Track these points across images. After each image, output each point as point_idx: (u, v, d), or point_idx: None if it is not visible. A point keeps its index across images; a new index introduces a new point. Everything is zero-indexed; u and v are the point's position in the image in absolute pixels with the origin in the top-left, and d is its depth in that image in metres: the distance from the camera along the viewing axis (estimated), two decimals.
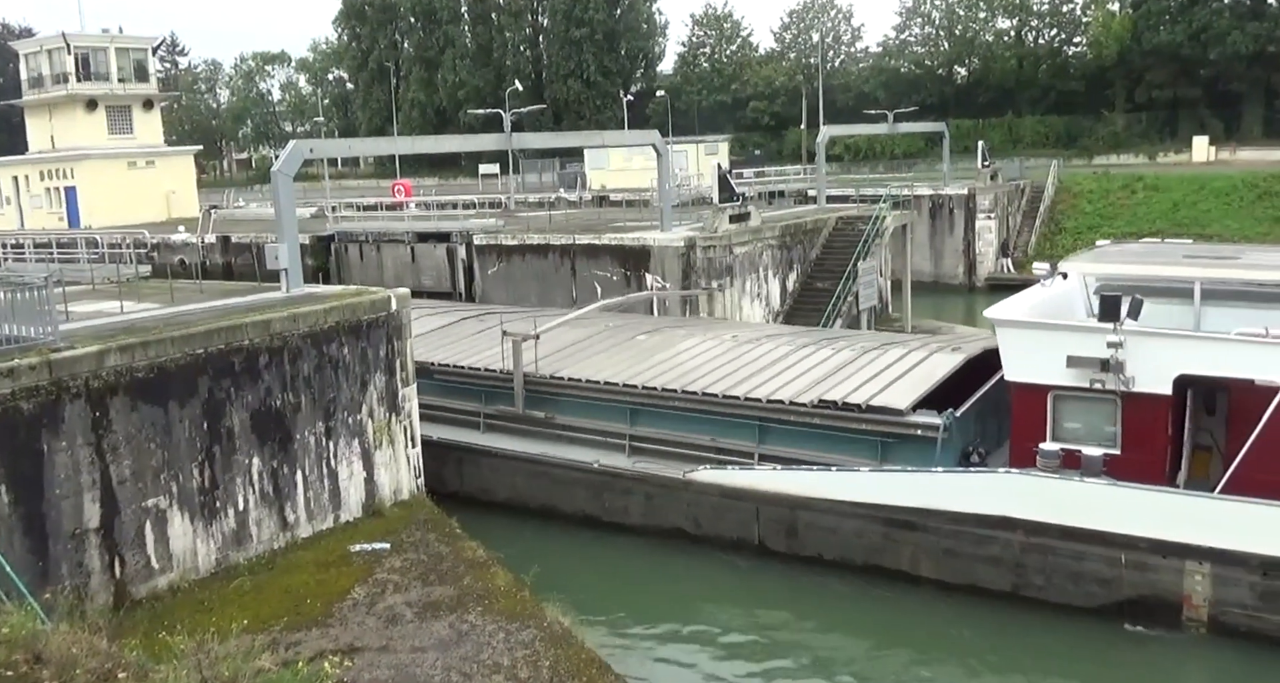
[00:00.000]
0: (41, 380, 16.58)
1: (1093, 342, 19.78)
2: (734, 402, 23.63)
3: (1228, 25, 73.94)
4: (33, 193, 64.33)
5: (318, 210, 57.07)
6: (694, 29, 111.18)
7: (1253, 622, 17.99)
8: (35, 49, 64.01)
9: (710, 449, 23.92)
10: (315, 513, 21.08)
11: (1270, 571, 17.72)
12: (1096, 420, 20.30)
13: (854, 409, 22.18)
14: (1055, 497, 19.42)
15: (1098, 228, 57.14)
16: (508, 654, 16.11)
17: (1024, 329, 21.13)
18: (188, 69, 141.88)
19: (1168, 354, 19.46)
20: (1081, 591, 19.36)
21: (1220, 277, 21.11)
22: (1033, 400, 20.74)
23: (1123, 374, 19.62)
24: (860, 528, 21.30)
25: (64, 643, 10.21)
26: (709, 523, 23.03)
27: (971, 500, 20.14)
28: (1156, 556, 18.60)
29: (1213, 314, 20.74)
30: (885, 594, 20.82)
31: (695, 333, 28.53)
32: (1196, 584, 18.37)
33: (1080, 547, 19.19)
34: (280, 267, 24.43)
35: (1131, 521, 18.78)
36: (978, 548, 20.15)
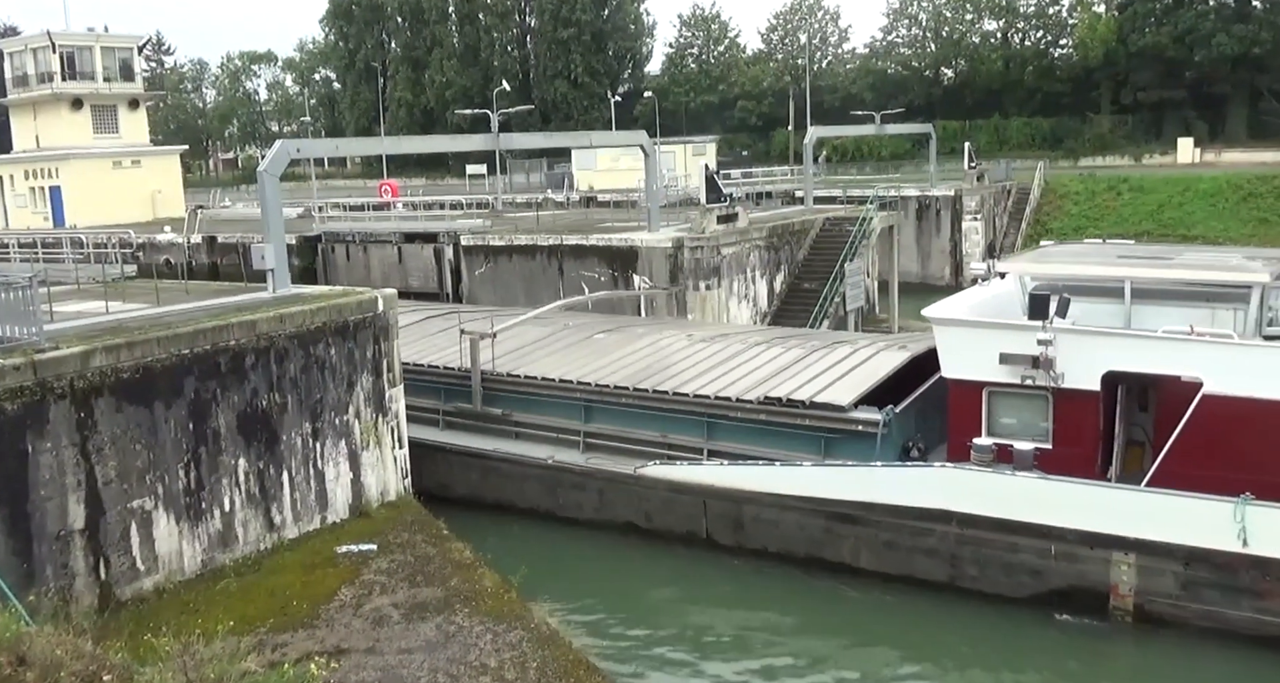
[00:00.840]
0: (26, 381, 16.50)
1: (1024, 339, 20.37)
2: (683, 399, 24.15)
3: (1213, 27, 74.34)
4: (17, 192, 64.00)
5: (304, 210, 56.91)
6: (681, 30, 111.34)
7: (1176, 611, 18.57)
8: (20, 48, 63.67)
9: (661, 445, 24.34)
10: (302, 514, 21.02)
11: (1192, 561, 18.28)
12: (1029, 416, 20.89)
13: (798, 406, 22.71)
14: (988, 490, 19.98)
15: (1084, 229, 57.35)
16: (495, 655, 16.10)
17: (959, 327, 21.76)
18: (174, 68, 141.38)
19: (1095, 351, 20.07)
20: (1014, 581, 19.89)
21: (1149, 276, 21.56)
22: (968, 397, 21.37)
23: (1052, 371, 20.17)
24: (803, 521, 21.82)
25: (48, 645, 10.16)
26: (659, 517, 23.50)
27: (909, 494, 20.67)
28: (1084, 547, 19.16)
29: (1143, 313, 21.24)
30: (827, 586, 21.24)
31: (652, 332, 28.97)
32: (1123, 575, 18.94)
33: (1012, 539, 19.72)
34: (267, 267, 24.36)
35: (1060, 513, 19.30)
36: (915, 540, 20.70)
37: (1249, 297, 20.32)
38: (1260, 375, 18.72)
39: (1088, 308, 21.66)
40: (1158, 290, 21.47)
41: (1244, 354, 19.03)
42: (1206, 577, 18.25)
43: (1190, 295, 21.29)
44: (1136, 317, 21.16)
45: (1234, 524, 17.78)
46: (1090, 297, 21.80)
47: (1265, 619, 17.92)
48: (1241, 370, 18.86)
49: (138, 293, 24.60)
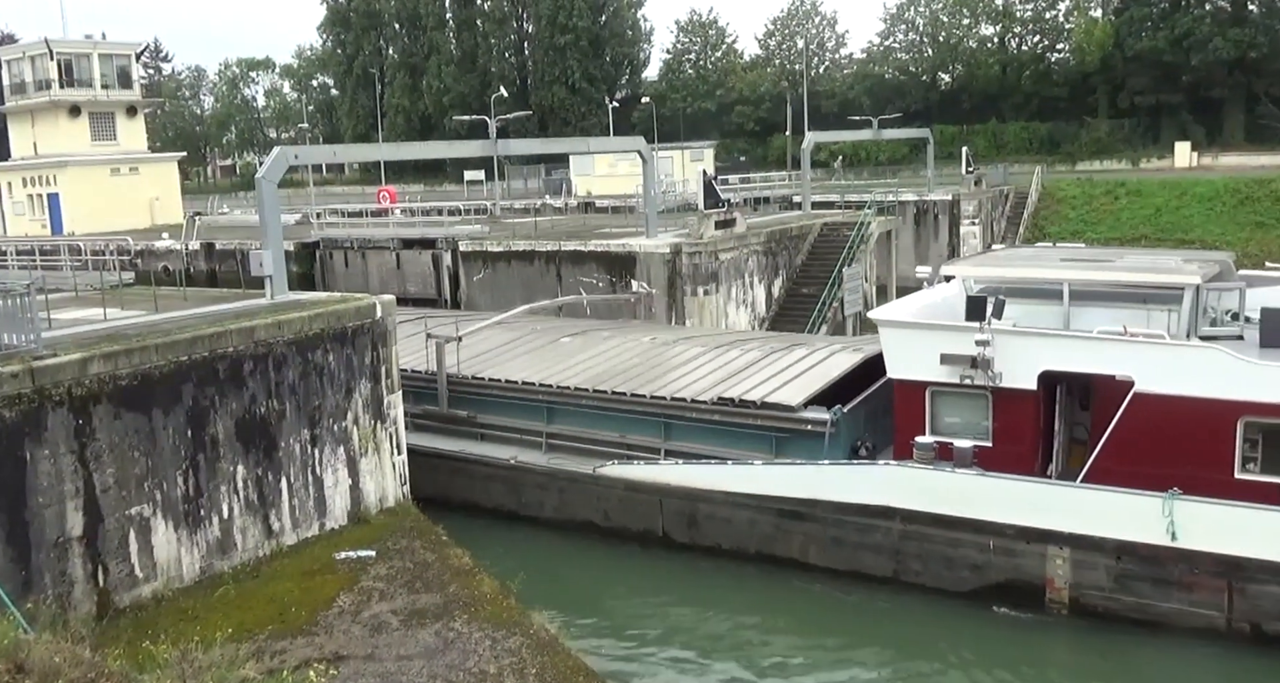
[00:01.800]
0: (24, 388, 16.49)
1: (963, 340, 20.91)
2: (641, 400, 24.76)
3: (1209, 31, 74.42)
4: (15, 199, 64.05)
5: (302, 217, 56.90)
6: (679, 35, 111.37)
7: (1108, 603, 19.18)
8: (18, 55, 63.72)
9: (620, 445, 24.95)
10: (300, 521, 20.99)
11: (1123, 555, 18.91)
12: (970, 415, 21.48)
13: (750, 406, 23.31)
14: (929, 487, 20.57)
15: (1081, 233, 57.39)
16: (494, 662, 16.07)
17: (903, 329, 22.38)
18: (172, 75, 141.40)
19: (1031, 351, 20.62)
20: (955, 575, 20.48)
21: (1086, 278, 22.11)
22: (912, 396, 21.96)
23: (990, 371, 20.76)
24: (754, 519, 22.43)
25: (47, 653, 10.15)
26: (617, 516, 24.07)
27: (854, 491, 21.27)
28: (1021, 541, 19.74)
29: (1083, 314, 21.73)
30: (778, 581, 21.79)
31: (617, 336, 29.57)
32: (1058, 568, 19.52)
33: (953, 534, 20.32)
34: (265, 273, 24.35)
35: (998, 509, 19.91)
36: (861, 536, 21.32)
37: (1182, 298, 20.89)
38: (1187, 374, 19.26)
39: (1030, 309, 22.21)
40: (1096, 292, 22.05)
41: (1172, 354, 19.60)
42: (1137, 570, 18.87)
43: (1127, 297, 21.83)
44: (1077, 318, 21.66)
45: (1163, 519, 18.38)
46: (1032, 299, 22.35)
47: (1193, 611, 18.46)
48: (1170, 370, 19.43)
49: (136, 300, 24.60)
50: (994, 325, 20.78)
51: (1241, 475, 19.01)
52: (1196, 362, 19.34)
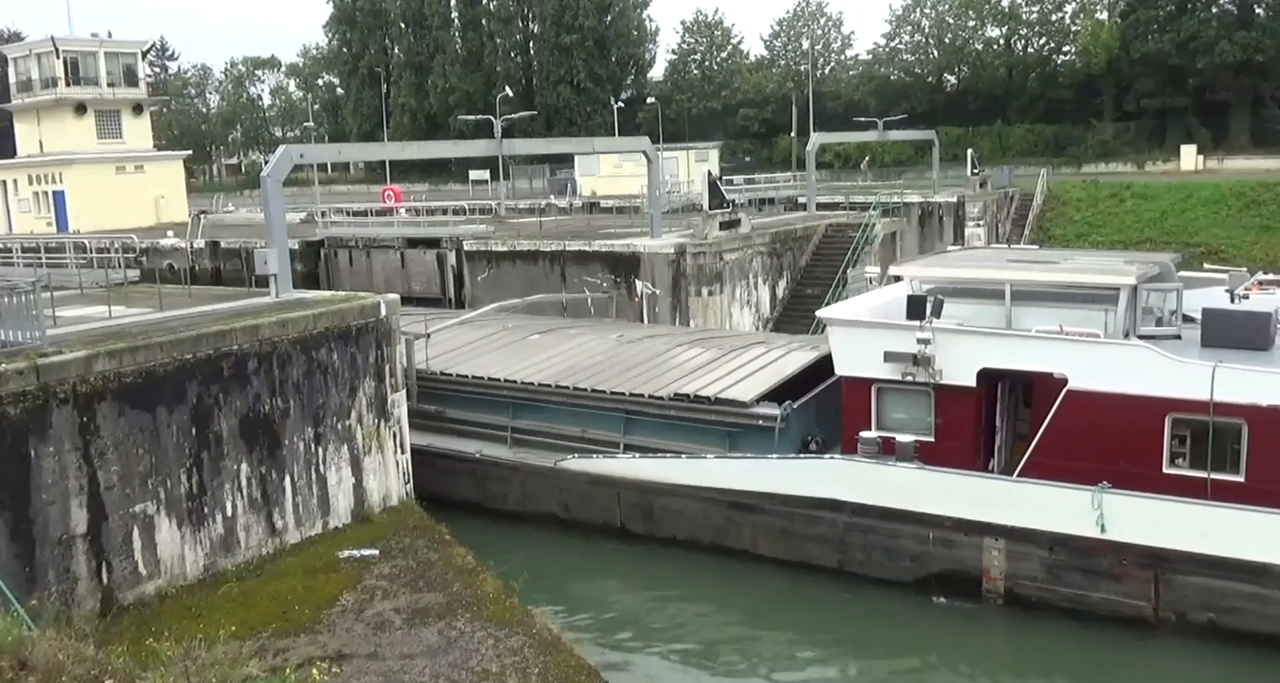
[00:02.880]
0: (29, 385, 16.52)
1: (905, 339, 21.65)
2: (601, 396, 25.37)
3: (1216, 34, 74.27)
4: (21, 197, 64.11)
5: (307, 215, 56.93)
6: (684, 36, 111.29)
7: (1042, 593, 19.76)
8: (24, 53, 63.79)
9: (581, 440, 25.50)
10: (304, 519, 21.02)
11: (1055, 546, 19.51)
12: (914, 411, 22.19)
13: (704, 402, 23.98)
14: (872, 480, 21.17)
15: (1086, 236, 57.34)
16: (496, 661, 16.08)
17: (849, 328, 23.14)
18: (177, 73, 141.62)
19: (970, 350, 21.35)
20: (897, 566, 21.09)
21: (1026, 279, 22.66)
22: (859, 393, 22.71)
23: (931, 368, 21.47)
24: (707, 511, 23.06)
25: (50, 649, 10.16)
26: (578, 508, 24.65)
27: (801, 484, 21.90)
28: (960, 533, 20.34)
29: (1025, 313, 22.27)
30: (730, 572, 22.33)
31: (584, 333, 30.13)
32: (994, 559, 20.12)
33: (895, 526, 20.93)
34: (269, 272, 24.38)
35: (937, 502, 20.52)
36: (808, 528, 21.91)
37: (1117, 298, 21.50)
38: (1118, 372, 19.99)
39: (976, 309, 22.82)
40: (1037, 293, 22.54)
41: (1103, 352, 20.38)
42: (1069, 561, 19.46)
43: (1067, 297, 22.30)
44: (1019, 317, 22.27)
45: (1092, 511, 19.00)
46: (977, 298, 22.96)
47: (1122, 601, 19.09)
48: (1101, 367, 20.15)
49: (141, 298, 24.64)
50: (935, 324, 21.45)
51: (1170, 470, 19.73)
52: (1126, 360, 20.09)
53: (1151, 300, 21.97)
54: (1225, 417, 19.11)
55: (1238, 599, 18.20)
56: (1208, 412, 19.19)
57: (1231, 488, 19.06)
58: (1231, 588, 18.20)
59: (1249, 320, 20.87)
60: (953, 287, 23.23)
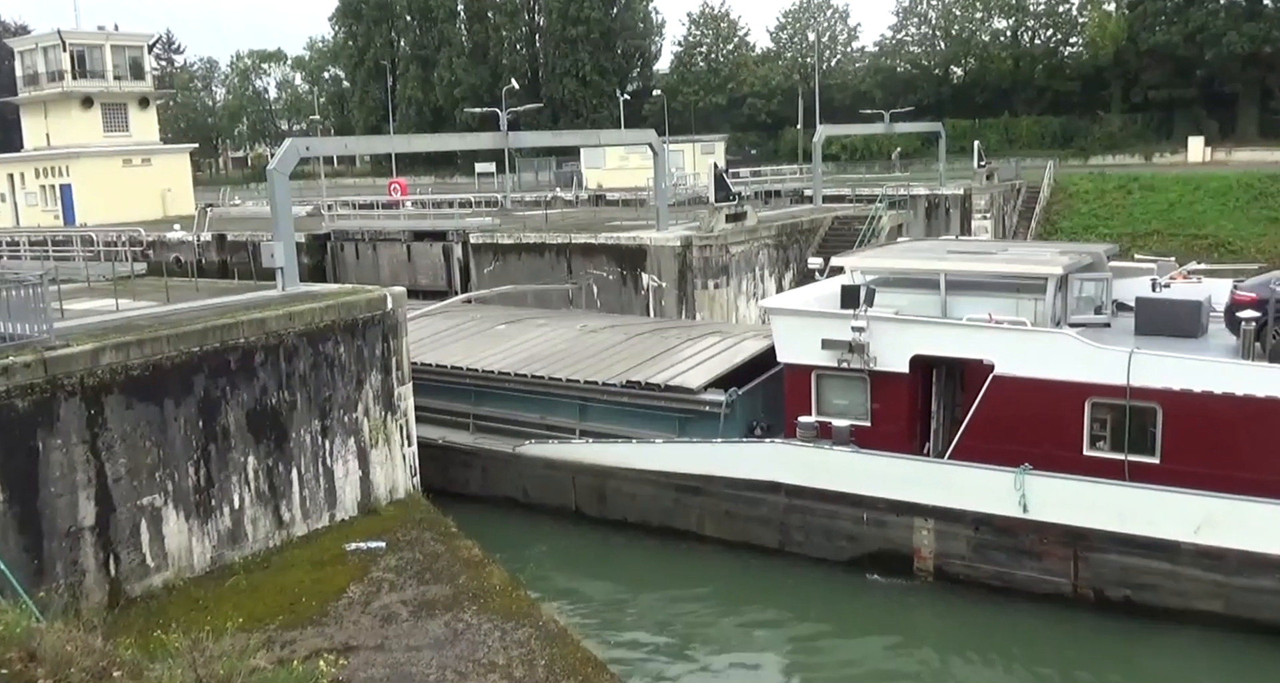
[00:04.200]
0: (36, 378, 16.56)
1: (841, 327, 22.41)
2: (558, 383, 26.21)
3: (1224, 26, 73.96)
4: (28, 190, 64.24)
5: (314, 209, 56.96)
6: (690, 28, 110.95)
7: (969, 571, 20.71)
8: (31, 46, 63.92)
9: (540, 426, 26.41)
10: (311, 512, 21.07)
11: (981, 526, 20.41)
12: (851, 397, 22.96)
13: (655, 388, 24.89)
14: (810, 463, 22.07)
15: (1093, 228, 57.12)
16: (503, 653, 16.12)
17: (790, 317, 23.96)
18: (184, 67, 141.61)
19: (903, 337, 22.12)
20: (833, 545, 21.97)
21: (960, 269, 23.38)
22: (800, 379, 23.46)
23: (866, 355, 22.24)
24: (656, 493, 23.95)
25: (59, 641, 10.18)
26: (535, 492, 25.54)
27: (744, 467, 22.82)
28: (892, 514, 21.26)
29: (961, 302, 22.87)
30: (676, 553, 23.20)
31: (549, 323, 31.02)
32: (924, 539, 21.06)
33: (831, 507, 21.82)
34: (276, 265, 24.40)
35: (871, 483, 21.41)
36: (750, 510, 22.83)
37: (1045, 287, 22.12)
38: (1040, 358, 20.74)
39: (914, 298, 23.44)
40: (971, 282, 23.15)
41: (1027, 339, 21.08)
42: (993, 540, 20.36)
43: (1000, 287, 22.87)
44: (955, 306, 22.89)
45: (1015, 492, 19.83)
46: (915, 288, 23.61)
47: (1044, 578, 19.95)
48: (1025, 354, 20.91)
49: (147, 291, 24.67)
50: (869, 313, 22.18)
51: (1090, 453, 20.50)
52: (1048, 347, 20.85)
53: (1085, 290, 22.68)
54: (1141, 401, 19.86)
55: (1151, 576, 19.05)
56: (1124, 396, 19.94)
57: (1147, 469, 19.87)
58: (1146, 565, 19.05)
59: (1180, 309, 21.63)
60: (892, 277, 24.01)
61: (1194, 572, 18.65)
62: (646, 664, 18.80)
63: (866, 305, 22.24)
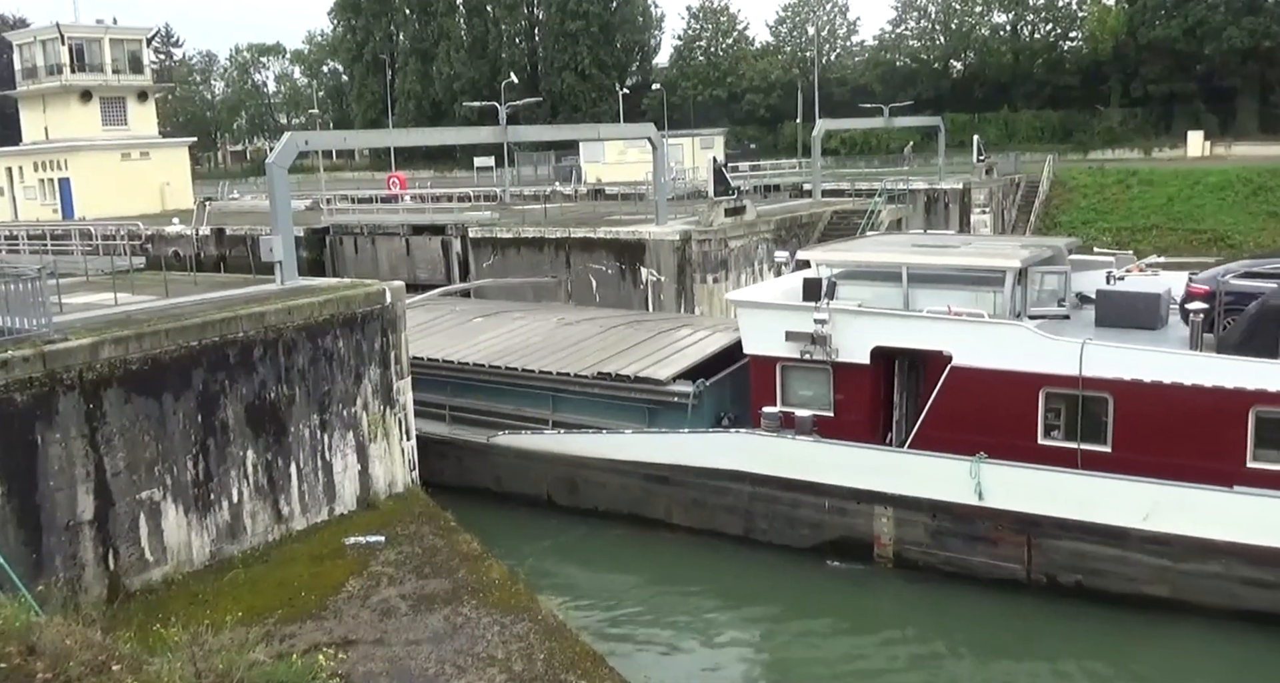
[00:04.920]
0: (35, 372, 16.54)
1: (804, 319, 22.82)
2: (531, 375, 26.61)
3: (1223, 20, 73.94)
4: (27, 184, 64.20)
5: (313, 203, 56.94)
6: (690, 22, 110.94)
7: (927, 557, 21.19)
8: (29, 40, 63.83)
9: (513, 417, 26.74)
10: (309, 506, 21.07)
11: (938, 513, 20.85)
12: (815, 388, 23.39)
13: (625, 380, 25.30)
14: (773, 453, 22.52)
15: (1093, 222, 57.18)
16: (502, 647, 16.12)
17: (755, 309, 24.34)
18: (182, 60, 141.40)
19: (864, 329, 22.60)
20: (796, 533, 22.42)
21: (921, 262, 23.62)
22: (765, 371, 23.89)
23: (828, 347, 22.68)
24: (625, 483, 24.38)
25: (58, 635, 10.19)
26: (509, 482, 25.83)
27: (710, 457, 23.26)
28: (853, 502, 21.69)
29: (923, 295, 23.07)
30: (648, 541, 23.74)
31: (526, 316, 31.29)
32: (883, 526, 21.51)
33: (794, 496, 22.24)
34: (275, 259, 24.35)
35: (832, 472, 21.87)
36: (716, 498, 23.27)
37: (1004, 280, 22.37)
38: (995, 349, 21.17)
39: (878, 291, 23.64)
40: (932, 275, 23.44)
41: (983, 330, 21.55)
42: (950, 527, 20.82)
43: (959, 280, 23.21)
44: (917, 299, 23.08)
45: (970, 481, 20.28)
46: (878, 281, 23.84)
47: (998, 564, 20.44)
48: (981, 345, 21.36)
49: (146, 285, 24.64)
50: (831, 305, 22.73)
51: (1044, 442, 20.88)
52: (1004, 338, 21.28)
53: (1048, 283, 23.02)
54: (1093, 391, 20.28)
55: (1101, 562, 19.51)
56: (1077, 386, 20.33)
57: (1099, 458, 20.26)
58: (1096, 551, 19.52)
59: (1140, 301, 22.01)
60: (857, 270, 24.35)
61: (1142, 557, 19.19)
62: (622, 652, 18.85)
63: (828, 298, 22.81)
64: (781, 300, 24.16)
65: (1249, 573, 18.37)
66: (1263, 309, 19.73)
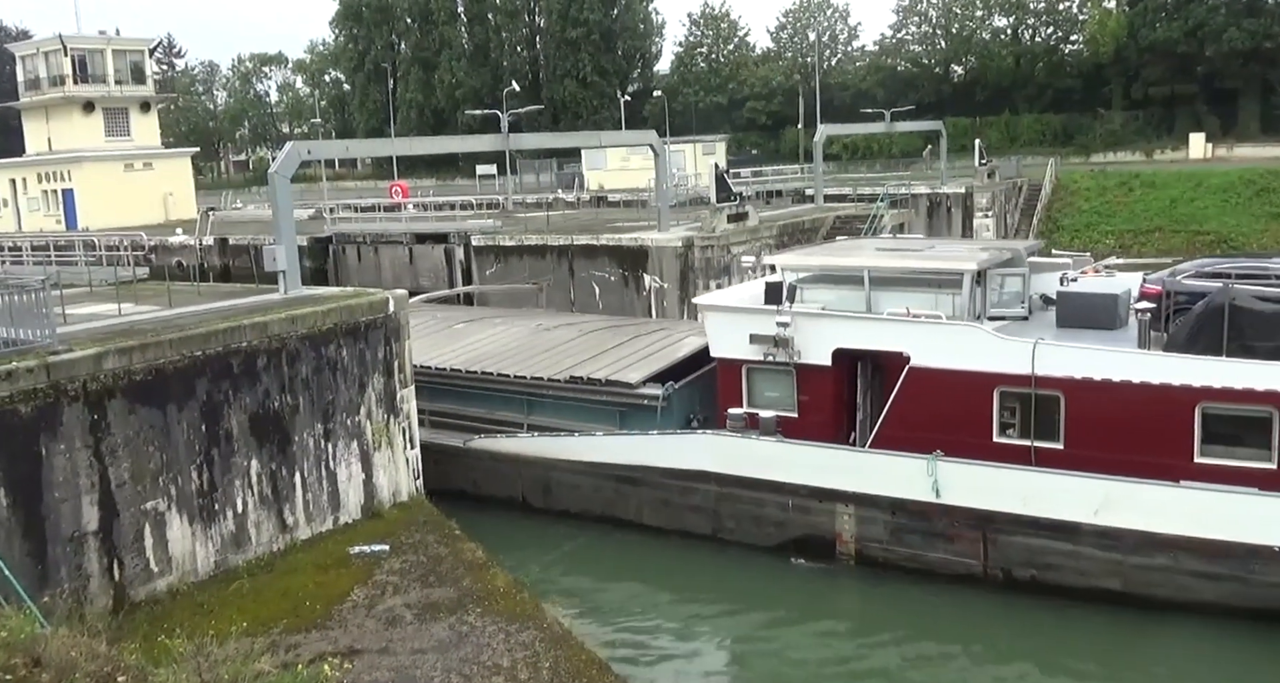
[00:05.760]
0: (39, 383, 16.56)
1: (768, 322, 23.26)
2: (506, 379, 27.15)
3: (1224, 22, 73.88)
4: (30, 195, 64.30)
5: (315, 212, 57.07)
6: (691, 29, 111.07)
7: (887, 554, 21.62)
8: (32, 51, 63.98)
9: (489, 421, 27.27)
10: (314, 515, 21.07)
11: (897, 511, 21.29)
12: (779, 389, 23.84)
13: (596, 383, 25.82)
14: (738, 453, 22.94)
15: (1095, 226, 57.15)
16: (508, 656, 16.11)
17: (721, 313, 24.95)
18: (185, 71, 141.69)
19: (825, 331, 23.07)
20: (762, 532, 22.86)
21: (883, 266, 24.15)
22: (731, 373, 24.39)
23: (791, 349, 23.08)
24: (597, 484, 24.80)
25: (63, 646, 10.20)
26: (484, 484, 26.11)
27: (678, 458, 23.65)
28: (815, 501, 22.09)
29: (888, 297, 23.56)
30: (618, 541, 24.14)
31: (505, 322, 31.78)
32: (845, 524, 21.94)
33: (758, 495, 22.65)
34: (278, 268, 24.41)
35: (795, 471, 22.27)
36: (684, 498, 23.71)
37: (961, 282, 22.90)
38: (951, 350, 21.64)
39: (841, 294, 24.17)
40: (894, 279, 23.89)
41: (939, 331, 22.07)
42: (909, 524, 21.24)
43: (920, 283, 23.63)
44: (879, 301, 23.58)
45: (927, 478, 20.67)
46: (843, 284, 24.32)
47: (956, 560, 20.86)
48: (938, 346, 21.83)
49: (150, 295, 24.69)
50: (794, 308, 23.12)
51: (999, 440, 21.41)
52: (959, 339, 21.78)
53: (1010, 285, 23.49)
54: (1045, 389, 20.75)
55: (1055, 556, 19.94)
56: (1030, 385, 20.80)
57: (1052, 455, 20.79)
58: (1049, 546, 19.95)
59: (1099, 302, 22.41)
60: (822, 274, 24.81)
61: (1093, 551, 19.59)
62: None
63: (789, 301, 23.16)
64: (746, 304, 24.61)
65: (1197, 566, 18.82)
66: (1208, 308, 20.15)
